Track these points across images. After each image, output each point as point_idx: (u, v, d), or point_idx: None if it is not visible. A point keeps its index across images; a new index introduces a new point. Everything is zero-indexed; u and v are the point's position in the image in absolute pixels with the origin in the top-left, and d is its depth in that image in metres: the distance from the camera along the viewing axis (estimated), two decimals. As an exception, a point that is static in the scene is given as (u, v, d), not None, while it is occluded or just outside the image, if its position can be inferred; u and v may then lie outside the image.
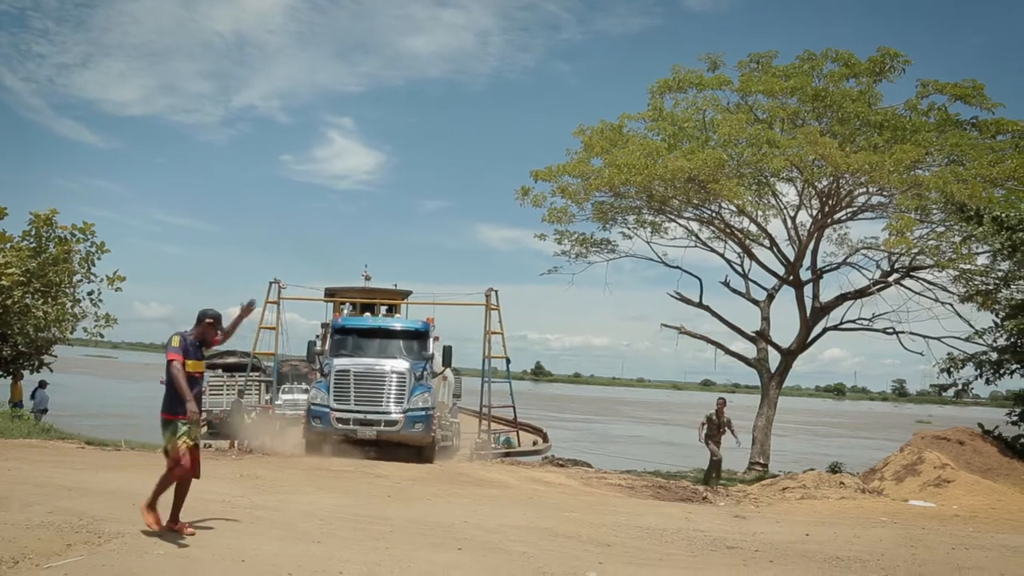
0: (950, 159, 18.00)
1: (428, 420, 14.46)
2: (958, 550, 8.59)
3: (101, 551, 5.60)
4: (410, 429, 14.30)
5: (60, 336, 18.02)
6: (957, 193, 16.20)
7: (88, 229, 18.09)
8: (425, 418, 14.43)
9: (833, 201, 19.51)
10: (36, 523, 6.24)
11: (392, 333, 16.01)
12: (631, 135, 19.93)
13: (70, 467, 10.10)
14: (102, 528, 6.23)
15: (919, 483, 13.32)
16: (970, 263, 18.00)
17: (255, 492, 9.04)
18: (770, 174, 19.15)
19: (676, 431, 43.57)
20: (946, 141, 17.78)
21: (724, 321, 21.33)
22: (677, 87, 20.06)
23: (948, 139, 17.82)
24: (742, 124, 18.29)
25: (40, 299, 16.96)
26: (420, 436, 14.41)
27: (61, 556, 5.36)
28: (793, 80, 18.88)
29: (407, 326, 16.34)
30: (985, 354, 17.71)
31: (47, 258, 17.37)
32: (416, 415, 14.40)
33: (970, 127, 18.77)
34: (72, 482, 8.57)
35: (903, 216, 17.38)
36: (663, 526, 8.83)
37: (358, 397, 14.36)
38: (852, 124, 18.48)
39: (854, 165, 16.77)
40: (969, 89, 18.42)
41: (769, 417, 20.19)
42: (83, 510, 6.85)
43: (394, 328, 16.21)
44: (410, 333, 16.04)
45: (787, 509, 11.49)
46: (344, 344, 15.74)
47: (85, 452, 12.56)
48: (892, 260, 19.76)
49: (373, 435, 14.24)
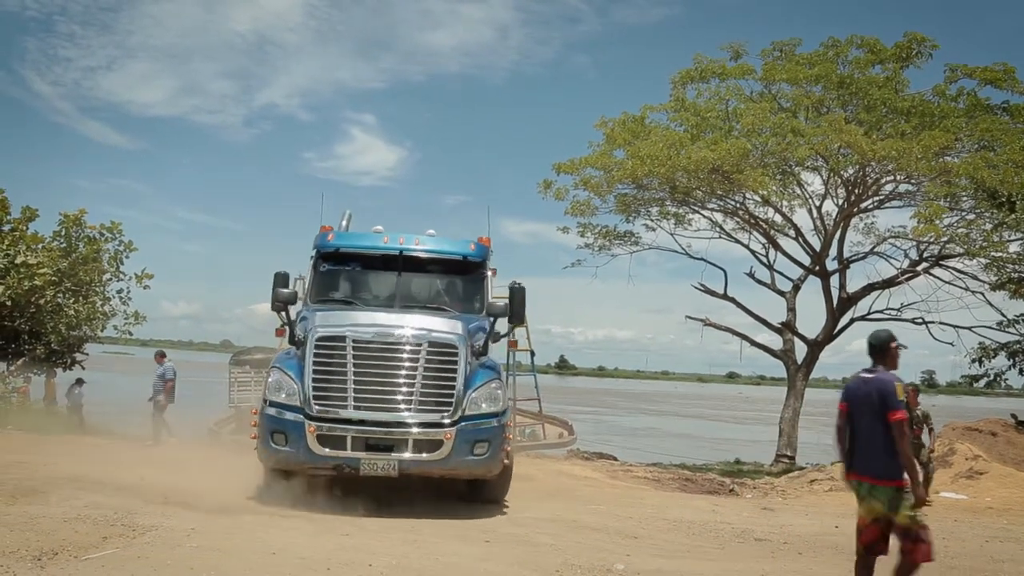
0: (980, 145, 17.63)
1: (499, 435, 7.94)
2: (992, 543, 8.47)
3: (136, 543, 5.72)
4: (466, 456, 7.72)
5: (91, 334, 18.35)
6: (988, 179, 15.89)
7: (116, 228, 18.38)
8: (494, 431, 7.89)
9: (859, 190, 19.22)
10: (73, 516, 6.38)
11: (424, 264, 9.31)
12: (653, 126, 19.78)
13: (103, 462, 10.30)
14: (137, 521, 6.37)
15: (951, 475, 13.15)
16: (1002, 251, 17.64)
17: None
18: (795, 163, 18.90)
19: (700, 424, 43.34)
20: (976, 126, 17.42)
21: (749, 312, 21.14)
22: (699, 77, 19.86)
23: (978, 124, 17.45)
24: (766, 113, 18.06)
25: (71, 298, 17.28)
26: (485, 466, 7.84)
27: (98, 548, 5.48)
28: (817, 68, 18.60)
29: (451, 251, 9.37)
30: (1018, 343, 17.41)
31: (77, 257, 17.68)
32: (479, 426, 7.84)
33: (1001, 111, 18.36)
34: (107, 476, 8.75)
35: (932, 204, 17.05)
36: (690, 518, 8.80)
37: (363, 391, 7.69)
38: (879, 111, 18.17)
39: (881, 152, 16.49)
40: (1000, 73, 18.03)
41: (796, 409, 19.99)
42: (118, 504, 6.99)
43: (429, 255, 9.26)
44: (456, 264, 9.37)
45: (815, 501, 11.41)
46: (335, 285, 9.31)
47: (117, 447, 12.80)
48: (921, 249, 19.43)
49: (392, 470, 7.63)
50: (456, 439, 7.64)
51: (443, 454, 7.62)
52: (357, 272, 9.46)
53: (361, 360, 7.69)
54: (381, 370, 7.72)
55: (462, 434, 7.69)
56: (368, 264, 9.33)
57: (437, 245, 9.39)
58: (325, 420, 7.59)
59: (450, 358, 7.87)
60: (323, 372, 7.72)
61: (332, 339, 7.80)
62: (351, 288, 9.36)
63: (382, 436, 7.62)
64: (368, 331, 7.89)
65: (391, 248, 9.13)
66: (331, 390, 7.67)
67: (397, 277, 9.19)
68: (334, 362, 7.73)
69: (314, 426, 7.53)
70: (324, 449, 7.52)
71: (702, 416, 51.81)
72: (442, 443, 7.62)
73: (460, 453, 7.67)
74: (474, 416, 7.84)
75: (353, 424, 7.60)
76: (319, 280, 9.17)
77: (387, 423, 7.64)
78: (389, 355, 7.78)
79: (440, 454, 7.62)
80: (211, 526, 6.41)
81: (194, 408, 19.12)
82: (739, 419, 48.54)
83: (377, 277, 9.45)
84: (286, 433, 7.59)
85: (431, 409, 7.72)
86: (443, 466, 7.69)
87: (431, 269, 9.43)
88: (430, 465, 7.67)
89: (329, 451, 7.52)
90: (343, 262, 9.34)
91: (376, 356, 7.74)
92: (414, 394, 7.68)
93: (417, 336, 7.87)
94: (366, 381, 7.66)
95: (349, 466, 7.57)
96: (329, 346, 7.78)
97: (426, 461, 7.64)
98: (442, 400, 7.76)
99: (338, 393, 7.64)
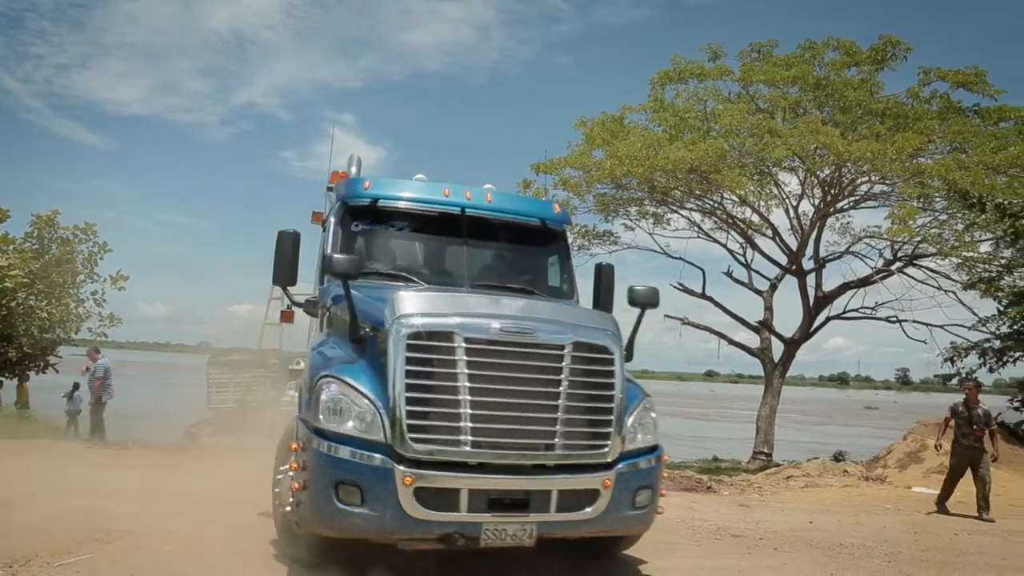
0: (952, 147, 17.94)
1: (659, 476, 5.74)
2: (961, 536, 8.65)
3: (111, 549, 5.67)
4: (626, 510, 5.34)
5: (65, 337, 18.11)
6: (960, 181, 16.16)
7: (90, 229, 18.16)
8: (655, 472, 5.68)
9: (835, 190, 19.46)
10: (47, 522, 6.30)
11: (495, 229, 6.79)
12: (632, 127, 19.89)
13: (78, 467, 10.18)
14: (112, 527, 6.30)
15: (922, 470, 13.39)
16: (973, 251, 18.00)
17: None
18: (772, 164, 19.10)
19: (678, 423, 43.66)
20: (948, 128, 17.72)
21: (727, 311, 21.32)
22: (678, 78, 20.00)
23: (950, 126, 17.76)
24: (743, 114, 18.24)
25: (44, 300, 17.05)
26: (644, 521, 5.64)
27: (72, 554, 5.43)
28: (794, 69, 18.82)
29: (532, 211, 7.13)
30: (988, 342, 17.77)
31: (50, 259, 17.44)
32: (639, 466, 5.51)
33: (972, 114, 18.68)
34: (81, 482, 8.64)
35: (905, 204, 17.34)
36: (667, 515, 8.87)
37: (485, 419, 4.91)
38: (854, 113, 18.41)
39: (856, 154, 16.72)
40: (971, 76, 18.34)
41: (773, 407, 20.21)
42: (92, 509, 6.91)
43: (502, 217, 6.79)
44: (534, 232, 6.98)
45: (791, 498, 11.55)
46: (373, 253, 6.55)
47: (92, 452, 12.64)
48: (895, 249, 19.72)
49: (528, 537, 5.05)
50: (616, 487, 5.13)
51: (598, 510, 5.08)
52: (405, 236, 6.69)
53: (481, 371, 4.84)
54: (510, 386, 4.89)
55: (623, 479, 5.19)
56: (420, 225, 6.59)
57: (514, 203, 7.04)
58: (429, 465, 4.73)
59: (605, 367, 5.17)
60: (422, 388, 4.77)
61: (433, 335, 4.84)
62: (395, 258, 6.59)
63: (514, 488, 4.93)
64: (488, 325, 4.93)
65: (453, 204, 6.54)
66: (435, 417, 4.79)
67: (463, 245, 6.55)
68: (438, 372, 4.81)
69: (411, 475, 4.68)
70: (427, 511, 4.72)
71: (678, 415, 52.15)
72: (598, 494, 5.07)
73: (619, 506, 5.18)
74: (634, 453, 5.38)
75: (470, 471, 4.82)
76: (349, 245, 6.38)
77: (521, 468, 4.95)
78: (522, 363, 4.94)
79: (594, 510, 5.07)
80: (188, 531, 6.35)
81: (173, 410, 18.95)
82: (711, 417, 48.91)
83: (433, 244, 6.69)
84: (362, 486, 4.71)
85: (583, 445, 5.08)
86: (595, 526, 5.18)
87: (501, 236, 6.81)
88: (578, 526, 5.14)
89: (435, 514, 4.74)
90: (383, 220, 6.54)
91: (502, 364, 4.89)
92: (558, 422, 4.95)
93: (557, 334, 5.08)
94: (489, 403, 4.83)
95: (464, 535, 4.83)
96: (429, 347, 4.82)
97: (574, 522, 5.09)
98: (597, 431, 5.12)
99: (447, 422, 4.78)
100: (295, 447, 5.09)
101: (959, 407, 10.78)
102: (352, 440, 4.79)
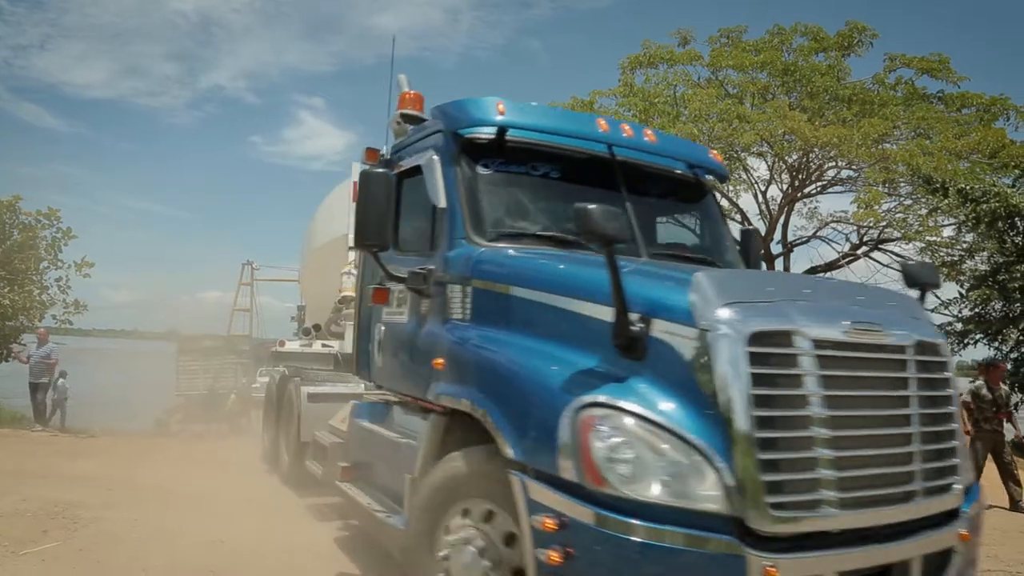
0: (917, 132, 18.27)
1: None
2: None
3: (78, 537, 5.61)
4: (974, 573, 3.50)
5: (28, 324, 17.73)
6: (923, 166, 16.49)
7: (53, 215, 17.70)
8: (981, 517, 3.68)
9: (803, 175, 19.73)
10: (10, 511, 6.22)
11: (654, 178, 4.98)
12: (602, 111, 19.94)
13: (42, 455, 10.02)
14: (78, 514, 6.24)
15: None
16: (936, 235, 18.41)
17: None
18: (740, 149, 19.27)
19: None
20: (913, 115, 18.04)
21: (697, 295, 21.54)
22: (648, 63, 20.07)
23: (915, 113, 18.08)
24: (713, 99, 18.37)
25: (6, 287, 16.64)
26: None
27: (37, 542, 5.37)
28: (763, 55, 19.00)
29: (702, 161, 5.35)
30: (950, 324, 18.19)
31: (12, 245, 17.02)
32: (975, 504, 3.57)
33: (936, 101, 19.05)
34: (45, 470, 8.53)
35: (871, 189, 17.64)
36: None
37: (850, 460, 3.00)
38: (821, 98, 18.64)
39: (823, 139, 16.95)
40: (935, 63, 18.67)
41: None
42: (58, 497, 6.83)
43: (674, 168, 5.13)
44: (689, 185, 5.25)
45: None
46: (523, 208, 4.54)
47: (57, 439, 12.45)
48: (861, 233, 20.09)
49: None
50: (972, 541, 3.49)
51: None
52: (549, 184, 4.63)
53: (836, 389, 3.07)
54: (865, 410, 3.18)
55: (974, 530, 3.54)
56: (568, 170, 4.65)
57: (679, 147, 5.42)
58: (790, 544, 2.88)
59: (943, 374, 3.54)
60: (775, 423, 2.94)
61: (775, 338, 3.02)
62: (542, 214, 4.56)
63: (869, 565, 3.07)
64: (835, 320, 3.20)
65: (613, 142, 4.79)
66: (793, 466, 2.95)
67: (624, 200, 4.60)
68: (788, 397, 3.00)
69: (773, 562, 2.79)
70: None
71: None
72: (952, 554, 3.37)
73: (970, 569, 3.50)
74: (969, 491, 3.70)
75: (830, 544, 2.98)
76: (478, 195, 4.42)
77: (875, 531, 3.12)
78: (870, 375, 3.24)
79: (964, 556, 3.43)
80: (155, 518, 6.30)
81: (141, 398, 18.70)
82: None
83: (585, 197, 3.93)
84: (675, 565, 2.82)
85: (938, 488, 3.36)
86: None
87: (663, 189, 5.10)
88: None
89: None
90: (520, 161, 4.56)
91: (854, 379, 3.17)
92: (913, 457, 3.27)
93: (902, 330, 3.39)
94: (851, 439, 3.08)
95: None
96: (774, 356, 3.00)
97: None
98: (945, 464, 3.42)
99: (805, 473, 2.96)
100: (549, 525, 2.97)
101: (982, 390, 9.51)
102: (673, 514, 2.85)
